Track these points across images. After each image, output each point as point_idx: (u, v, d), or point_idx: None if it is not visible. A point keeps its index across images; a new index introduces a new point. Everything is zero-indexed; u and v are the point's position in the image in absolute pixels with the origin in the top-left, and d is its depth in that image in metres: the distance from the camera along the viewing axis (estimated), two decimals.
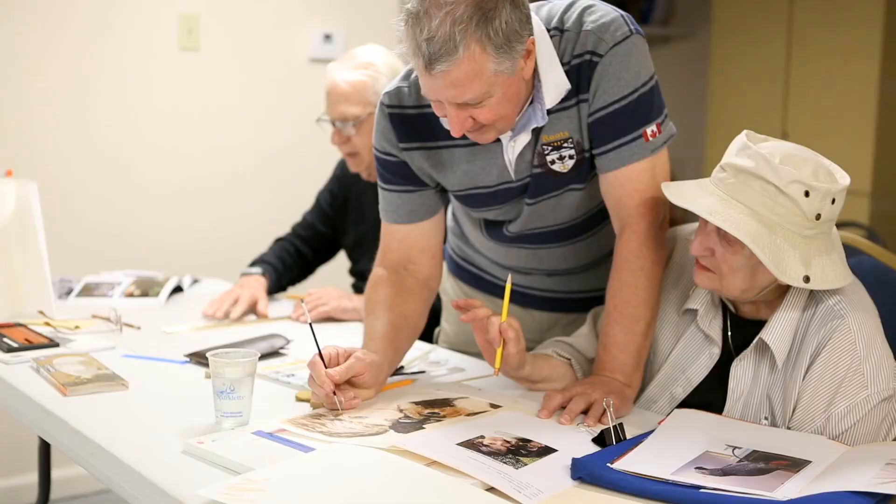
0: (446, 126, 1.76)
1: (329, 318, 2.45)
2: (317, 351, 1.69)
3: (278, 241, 2.82)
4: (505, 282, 1.77)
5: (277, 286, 2.69)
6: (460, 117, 1.68)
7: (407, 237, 1.97)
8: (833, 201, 1.63)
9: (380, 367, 1.77)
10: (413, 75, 1.86)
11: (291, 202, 2.85)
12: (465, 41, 1.59)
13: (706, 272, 1.70)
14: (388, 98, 1.88)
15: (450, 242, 2.27)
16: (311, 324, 1.74)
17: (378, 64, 2.55)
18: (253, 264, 2.69)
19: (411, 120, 1.86)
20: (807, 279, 1.61)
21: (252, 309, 2.49)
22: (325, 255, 2.87)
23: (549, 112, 1.79)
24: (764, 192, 1.61)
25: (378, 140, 1.92)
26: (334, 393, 1.66)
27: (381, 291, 1.93)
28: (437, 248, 1.99)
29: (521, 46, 1.65)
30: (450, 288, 2.31)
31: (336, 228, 2.82)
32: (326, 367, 1.67)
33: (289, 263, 2.74)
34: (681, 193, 1.70)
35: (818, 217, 1.61)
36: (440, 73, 1.62)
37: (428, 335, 2.38)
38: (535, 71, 1.75)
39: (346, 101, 2.53)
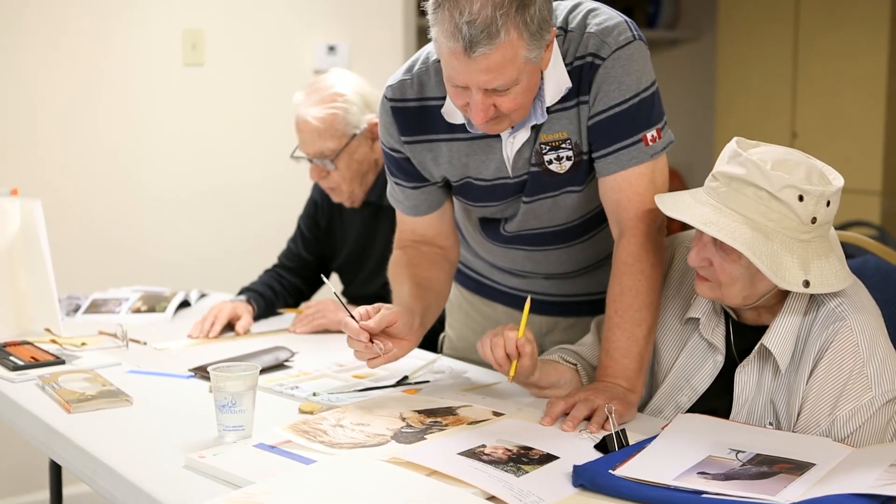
0: (450, 119, 1.81)
1: (325, 330, 2.44)
2: (348, 315, 1.75)
3: (266, 272, 2.76)
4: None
5: (270, 313, 2.63)
6: (485, 104, 1.68)
7: (415, 227, 2.02)
8: (828, 204, 1.61)
9: (411, 315, 1.82)
10: (416, 68, 1.87)
11: (299, 215, 2.84)
12: (506, 26, 1.59)
13: (706, 282, 1.69)
14: (391, 91, 1.89)
15: None
16: (336, 293, 1.82)
17: (347, 94, 2.50)
18: (240, 293, 2.64)
19: (413, 112, 1.87)
20: (806, 284, 1.60)
21: (231, 325, 2.45)
22: (320, 281, 2.81)
23: (549, 111, 1.80)
24: (757, 198, 1.60)
25: (383, 135, 1.94)
26: (371, 342, 1.73)
27: (401, 265, 1.99)
28: (449, 230, 2.04)
29: (548, 35, 1.66)
30: (452, 294, 2.31)
31: (324, 254, 2.77)
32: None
33: (279, 291, 2.67)
34: (674, 204, 1.69)
35: (814, 220, 1.60)
36: (479, 57, 1.60)
37: (433, 342, 2.39)
38: None
39: (319, 137, 2.49)
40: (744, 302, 1.68)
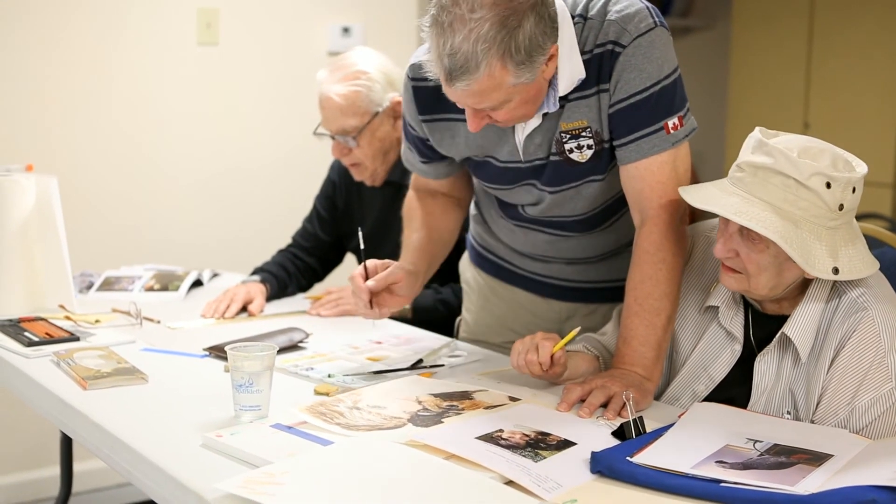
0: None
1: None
2: (362, 262, 1.90)
3: (280, 252, 2.76)
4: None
5: (283, 294, 2.64)
6: (477, 116, 1.73)
7: (428, 183, 2.13)
8: (854, 190, 1.62)
9: (415, 277, 1.95)
10: None
11: (311, 197, 2.84)
12: (486, 60, 1.60)
13: (733, 274, 1.68)
14: (412, 70, 1.92)
15: (472, 231, 2.30)
16: (362, 249, 1.96)
17: (370, 71, 2.51)
18: (253, 273, 2.64)
19: (431, 92, 1.88)
20: (836, 271, 1.60)
21: (244, 306, 2.45)
22: (334, 262, 2.83)
23: (569, 100, 1.79)
24: (785, 187, 1.59)
25: (405, 109, 2.01)
26: (371, 304, 1.87)
27: (416, 209, 2.11)
28: (463, 184, 2.13)
29: (542, 57, 1.66)
30: (471, 277, 2.33)
31: (340, 234, 2.77)
32: (367, 279, 1.87)
33: (293, 272, 2.68)
34: (700, 196, 1.68)
35: (841, 207, 1.60)
36: (461, 87, 1.64)
37: (450, 325, 2.39)
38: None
39: (342, 114, 2.49)
40: (771, 293, 1.68)
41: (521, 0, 1.60)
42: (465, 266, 2.34)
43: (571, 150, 1.84)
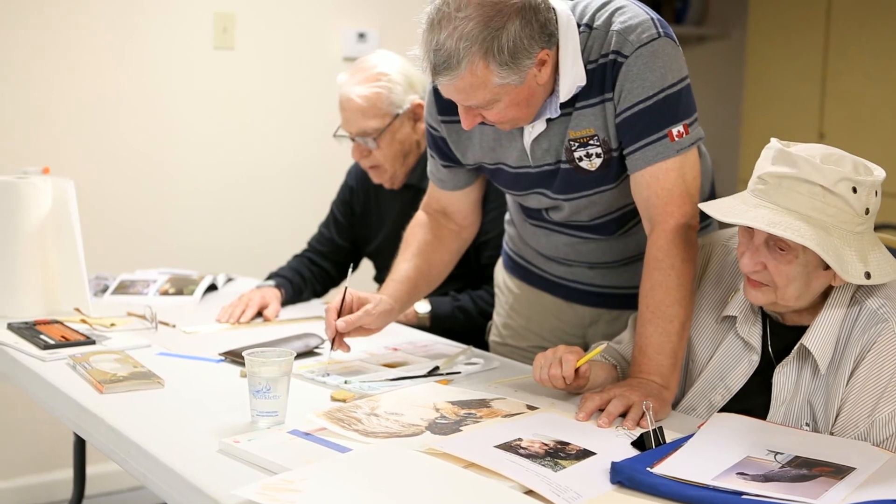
0: None
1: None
2: (341, 296, 1.96)
3: (296, 257, 2.75)
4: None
5: (297, 299, 2.63)
6: (469, 114, 1.79)
7: (440, 198, 2.16)
8: (876, 193, 1.62)
9: (389, 314, 2.01)
10: None
11: (327, 202, 2.83)
12: (468, 58, 1.67)
13: (760, 287, 1.66)
14: None
15: (505, 235, 2.32)
16: (346, 288, 1.99)
17: (391, 73, 2.51)
18: (268, 278, 2.64)
19: None
20: (868, 275, 1.59)
21: (259, 311, 2.44)
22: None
23: (576, 108, 1.82)
24: (812, 195, 1.58)
25: (426, 111, 2.05)
26: (334, 341, 1.94)
27: (418, 234, 2.15)
28: (469, 210, 2.16)
29: (529, 61, 1.71)
30: (502, 282, 2.35)
31: (357, 239, 2.76)
32: (340, 314, 1.94)
33: (308, 277, 2.67)
34: (725, 210, 1.66)
35: (867, 212, 1.60)
36: (445, 82, 1.72)
37: (480, 334, 2.42)
38: (558, 65, 1.78)
39: (363, 115, 2.49)
40: (797, 303, 1.66)
41: (507, 3, 1.66)
42: (498, 270, 2.38)
43: (581, 159, 1.86)
